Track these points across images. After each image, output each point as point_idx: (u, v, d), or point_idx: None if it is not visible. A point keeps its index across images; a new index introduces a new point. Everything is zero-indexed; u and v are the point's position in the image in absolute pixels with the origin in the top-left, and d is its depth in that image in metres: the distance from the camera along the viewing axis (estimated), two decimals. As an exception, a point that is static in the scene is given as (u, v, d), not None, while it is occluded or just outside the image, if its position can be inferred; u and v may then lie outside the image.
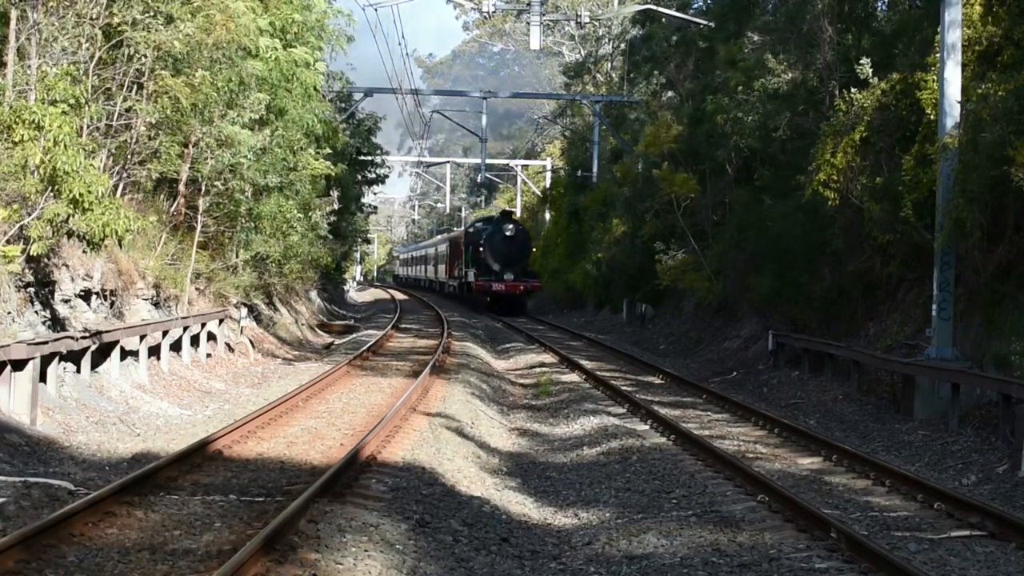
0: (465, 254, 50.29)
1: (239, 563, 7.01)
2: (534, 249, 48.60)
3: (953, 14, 16.33)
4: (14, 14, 14.69)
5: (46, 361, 12.94)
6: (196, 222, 21.21)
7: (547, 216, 58.99)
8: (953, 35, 16.28)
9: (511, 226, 46.35)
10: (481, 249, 46.29)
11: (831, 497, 10.93)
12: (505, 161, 72.47)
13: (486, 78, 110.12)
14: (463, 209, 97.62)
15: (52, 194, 13.33)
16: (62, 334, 13.75)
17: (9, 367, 12.00)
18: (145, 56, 17.03)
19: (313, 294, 39.51)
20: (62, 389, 13.68)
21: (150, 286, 18.59)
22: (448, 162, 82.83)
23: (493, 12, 30.87)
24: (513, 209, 55.38)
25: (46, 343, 12.74)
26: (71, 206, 13.12)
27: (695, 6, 36.78)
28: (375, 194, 61.43)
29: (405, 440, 12.87)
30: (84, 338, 14.13)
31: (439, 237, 75.76)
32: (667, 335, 32.62)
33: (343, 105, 40.21)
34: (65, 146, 13.03)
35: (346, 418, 14.77)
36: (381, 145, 49.60)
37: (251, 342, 23.43)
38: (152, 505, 9.20)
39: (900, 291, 20.23)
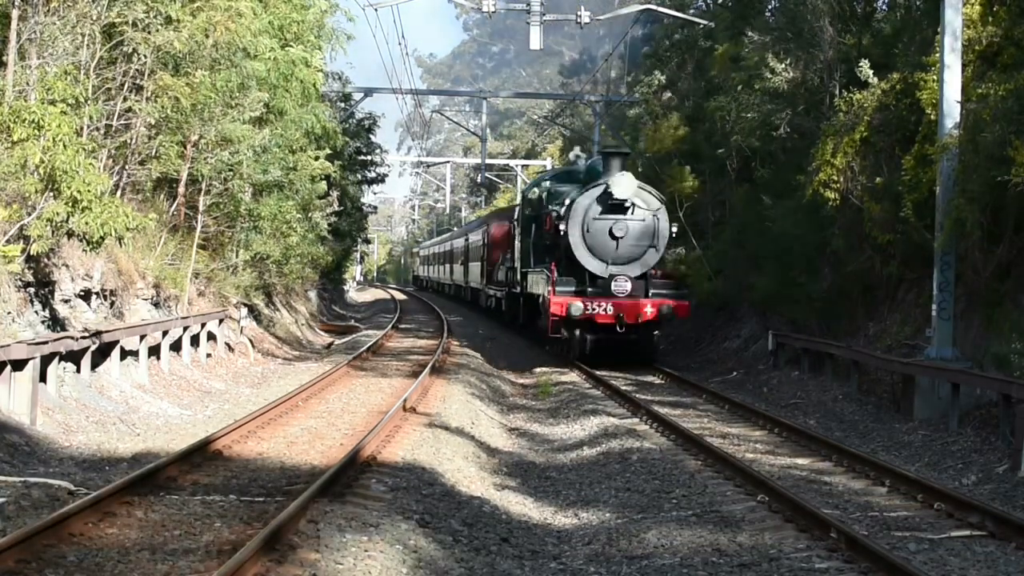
0: (521, 240, 28.49)
1: (239, 563, 7.00)
2: (673, 228, 23.63)
3: (953, 12, 16.31)
4: (15, 14, 14.69)
5: (46, 361, 12.93)
6: (196, 222, 21.21)
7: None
8: (953, 34, 16.27)
9: (625, 180, 22.92)
10: (561, 229, 23.30)
11: (831, 497, 10.93)
12: (505, 161, 72.41)
13: (486, 78, 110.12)
14: (463, 209, 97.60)
15: (52, 194, 13.33)
16: (62, 334, 13.74)
17: (9, 367, 11.99)
18: (145, 56, 17.03)
19: (313, 294, 39.52)
20: (62, 389, 13.68)
21: (150, 286, 18.59)
22: (448, 162, 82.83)
23: (493, 12, 30.84)
24: (624, 148, 27.15)
25: (46, 343, 12.73)
26: (70, 205, 13.12)
27: (695, 6, 36.78)
28: (375, 194, 61.40)
29: (405, 440, 12.87)
30: (84, 338, 14.12)
31: (471, 223, 58.22)
32: (667, 335, 32.55)
33: (343, 105, 40.20)
34: (64, 145, 13.04)
35: (346, 418, 14.77)
36: (380, 145, 49.13)
37: (251, 342, 23.43)
38: (152, 505, 9.20)
39: (900, 291, 20.22)
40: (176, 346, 18.53)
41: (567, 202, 23.95)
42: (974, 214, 15.77)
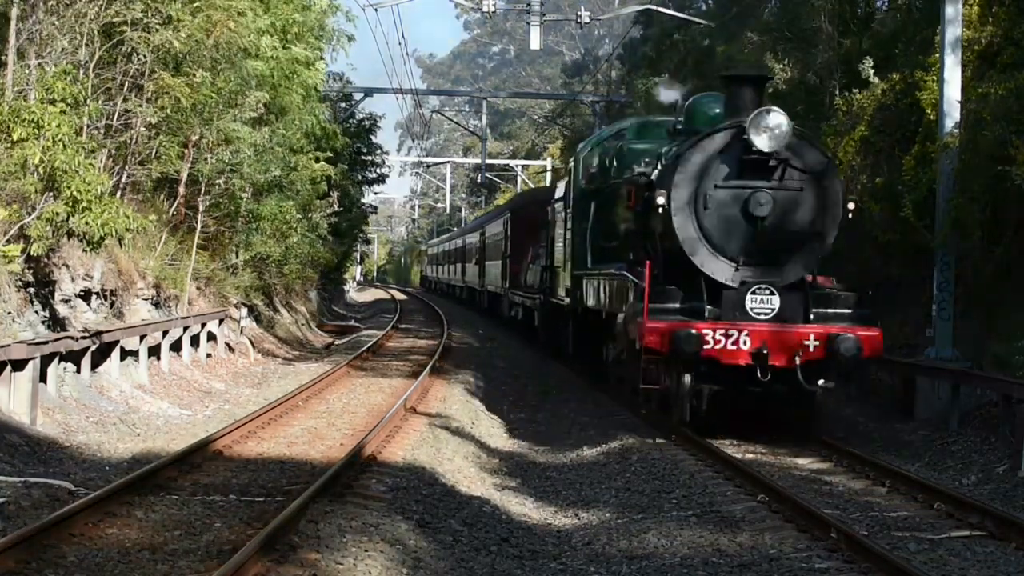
0: (573, 227, 19.75)
1: (239, 563, 7.01)
2: (850, 206, 14.26)
3: (953, 11, 16.32)
4: (14, 13, 14.70)
5: (46, 361, 12.93)
6: (196, 222, 21.21)
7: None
8: (953, 34, 16.28)
9: (773, 120, 13.43)
10: (658, 204, 13.81)
11: (831, 497, 10.92)
12: (505, 161, 72.41)
13: (486, 78, 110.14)
14: (463, 209, 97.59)
15: (51, 194, 13.34)
16: (62, 334, 13.75)
17: (9, 367, 11.99)
18: (145, 56, 17.03)
19: (313, 294, 39.54)
20: (62, 389, 13.68)
21: (150, 286, 18.59)
22: (448, 162, 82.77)
23: (493, 12, 30.87)
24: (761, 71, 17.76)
25: (46, 343, 12.74)
26: (70, 205, 13.13)
27: (695, 6, 36.81)
28: (375, 194, 61.27)
29: (405, 440, 12.87)
30: (84, 338, 14.13)
31: (488, 214, 49.07)
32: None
33: (343, 105, 40.20)
34: (64, 145, 13.04)
35: (346, 418, 14.77)
36: (381, 145, 49.07)
37: (251, 342, 23.43)
38: (152, 505, 9.20)
39: (900, 291, 20.21)
40: (176, 346, 18.53)
41: (665, 161, 14.96)
42: (974, 214, 15.77)
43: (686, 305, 13.75)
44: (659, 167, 15.17)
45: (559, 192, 22.70)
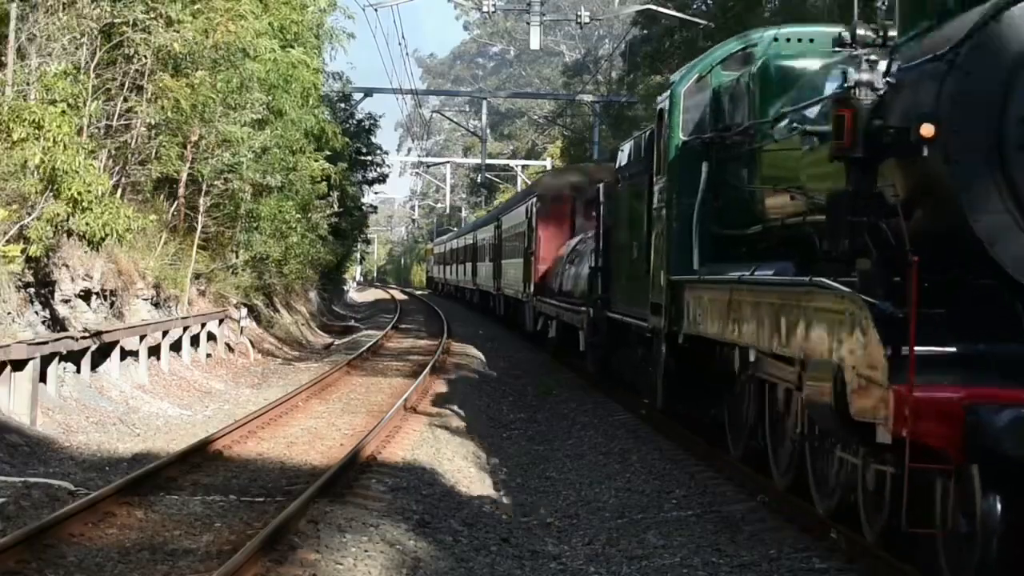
0: (667, 204, 11.75)
1: (239, 563, 7.01)
2: None
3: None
4: (14, 13, 14.70)
5: (46, 361, 12.93)
6: (196, 222, 21.23)
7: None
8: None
9: None
10: (924, 135, 6.49)
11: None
12: (505, 161, 72.40)
13: (486, 78, 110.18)
14: (463, 209, 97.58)
15: (52, 194, 13.35)
16: (62, 334, 13.75)
17: (9, 367, 11.99)
18: (145, 57, 17.04)
19: (313, 294, 39.56)
20: (62, 389, 13.68)
21: (150, 286, 18.60)
22: (448, 162, 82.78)
23: (493, 12, 30.91)
24: None
25: (46, 343, 12.74)
26: (71, 206, 13.13)
27: (695, 6, 36.82)
28: (375, 194, 61.30)
29: (405, 440, 12.87)
30: (84, 338, 14.13)
31: (505, 203, 40.41)
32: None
33: (343, 105, 40.23)
34: (64, 146, 13.05)
35: (346, 418, 14.77)
36: (380, 145, 49.11)
37: (251, 342, 23.44)
38: (152, 505, 9.20)
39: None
40: (176, 346, 18.53)
41: (899, 69, 7.33)
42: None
43: (973, 349, 6.83)
44: (889, 78, 7.39)
45: (624, 157, 15.62)
